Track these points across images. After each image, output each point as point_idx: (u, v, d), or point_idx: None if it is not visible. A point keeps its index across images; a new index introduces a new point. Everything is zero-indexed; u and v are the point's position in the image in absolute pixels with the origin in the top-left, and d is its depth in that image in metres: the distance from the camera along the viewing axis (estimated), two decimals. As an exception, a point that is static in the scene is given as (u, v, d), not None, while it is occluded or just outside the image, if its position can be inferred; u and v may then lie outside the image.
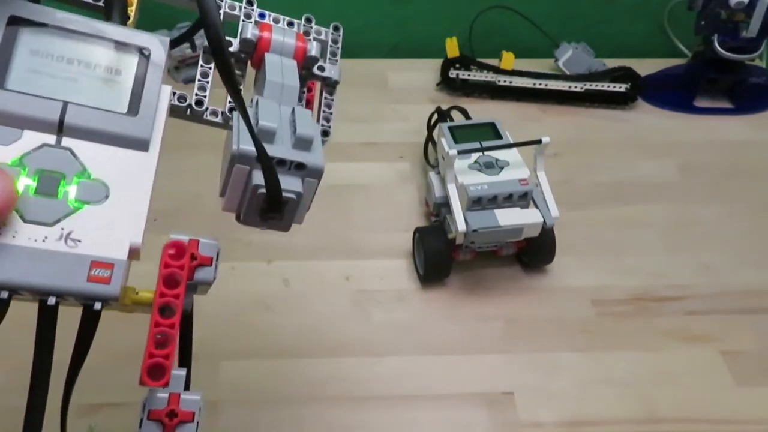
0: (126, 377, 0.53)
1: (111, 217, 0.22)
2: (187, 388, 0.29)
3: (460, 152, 0.57)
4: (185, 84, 0.87)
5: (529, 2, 0.88)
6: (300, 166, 0.26)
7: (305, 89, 0.33)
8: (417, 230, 0.62)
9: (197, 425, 0.27)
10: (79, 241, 0.22)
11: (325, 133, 0.33)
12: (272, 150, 0.25)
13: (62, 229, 0.22)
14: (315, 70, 0.32)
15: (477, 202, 0.56)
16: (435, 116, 0.72)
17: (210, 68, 0.30)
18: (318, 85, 0.34)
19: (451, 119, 0.71)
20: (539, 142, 0.57)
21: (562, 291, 0.62)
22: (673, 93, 0.87)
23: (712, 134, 0.82)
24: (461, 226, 0.55)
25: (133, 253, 0.23)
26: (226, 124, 0.30)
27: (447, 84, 0.86)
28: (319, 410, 0.50)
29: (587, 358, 0.56)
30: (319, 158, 0.26)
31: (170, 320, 0.22)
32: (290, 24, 0.32)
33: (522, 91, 0.85)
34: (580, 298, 0.61)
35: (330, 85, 0.34)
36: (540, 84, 0.85)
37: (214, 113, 0.30)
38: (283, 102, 0.28)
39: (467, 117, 0.71)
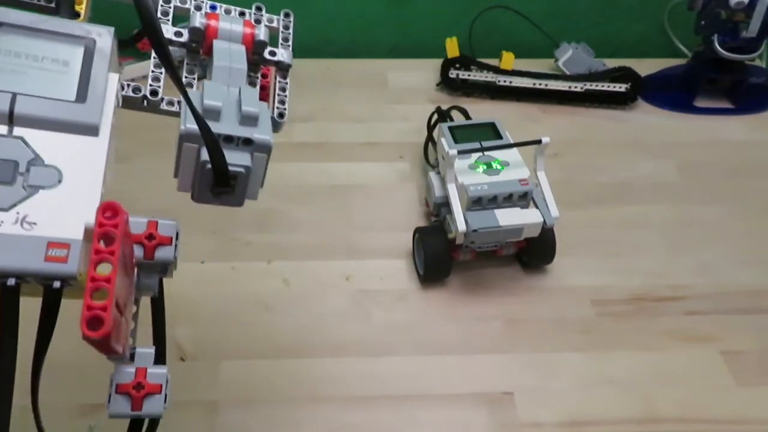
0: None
1: (65, 200, 0.23)
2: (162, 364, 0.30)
3: (460, 152, 0.57)
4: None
5: (529, 2, 0.88)
6: (247, 141, 0.27)
7: (259, 75, 0.33)
8: (417, 230, 0.62)
9: (165, 397, 0.28)
10: (35, 224, 0.22)
11: (281, 115, 0.33)
12: (218, 127, 0.26)
13: (17, 213, 0.22)
14: (266, 55, 0.33)
15: (477, 202, 0.56)
16: (435, 116, 0.72)
17: None
18: (273, 70, 0.34)
19: (451, 119, 0.71)
20: (539, 142, 0.57)
21: (562, 291, 0.62)
22: (673, 93, 0.87)
23: (712, 134, 0.82)
24: (461, 226, 0.55)
25: (89, 234, 0.23)
26: (172, 111, 0.31)
27: (447, 84, 0.86)
28: (319, 410, 0.50)
29: (587, 358, 0.56)
30: (266, 132, 0.27)
31: (106, 276, 0.22)
32: (242, 14, 0.33)
33: (522, 91, 0.85)
34: (580, 298, 0.61)
35: (283, 68, 0.34)
36: (540, 84, 0.85)
37: (170, 103, 0.31)
38: (231, 84, 0.29)
39: (467, 117, 0.71)
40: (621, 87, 0.84)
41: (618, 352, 0.57)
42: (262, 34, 0.32)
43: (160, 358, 0.30)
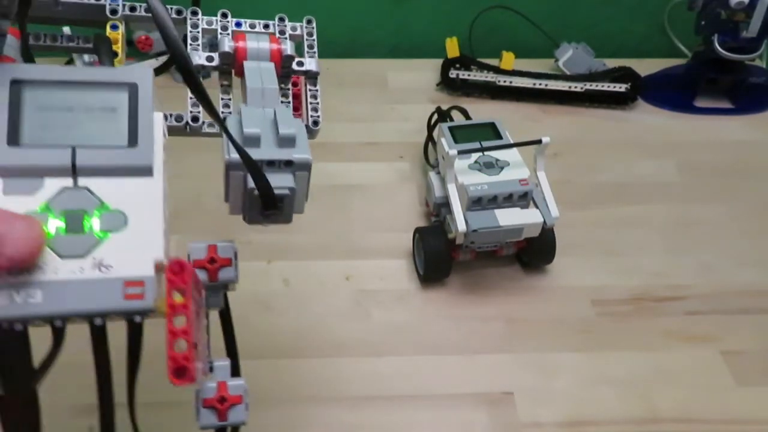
0: (125, 377, 0.53)
1: (133, 240, 0.25)
2: (237, 375, 0.33)
3: (460, 152, 0.57)
4: (178, 82, 0.86)
5: (529, 2, 0.88)
6: (288, 163, 0.28)
7: (290, 86, 0.35)
8: (417, 230, 0.62)
9: (246, 405, 0.31)
10: (111, 266, 0.25)
11: (315, 123, 0.34)
12: (259, 153, 0.28)
13: (94, 258, 0.25)
14: (294, 66, 0.34)
15: (477, 202, 0.56)
16: (435, 116, 0.72)
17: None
18: (302, 78, 0.36)
19: (451, 119, 0.71)
20: (539, 142, 0.57)
21: (562, 291, 0.62)
22: (673, 93, 0.87)
23: (712, 134, 0.82)
24: (461, 226, 0.55)
25: (159, 267, 0.25)
26: (217, 134, 0.32)
27: (447, 84, 0.86)
28: (319, 410, 0.50)
29: (587, 358, 0.56)
30: (305, 152, 0.29)
31: (183, 328, 0.25)
32: (266, 26, 0.35)
33: (522, 91, 0.85)
34: (580, 298, 0.61)
35: (311, 77, 0.35)
36: (540, 84, 0.85)
37: (211, 125, 0.33)
38: (265, 105, 0.30)
39: (467, 117, 0.71)
40: (621, 87, 0.84)
41: (618, 352, 0.57)
42: (288, 48, 0.33)
43: (235, 371, 0.33)
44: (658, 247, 0.67)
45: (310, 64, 0.34)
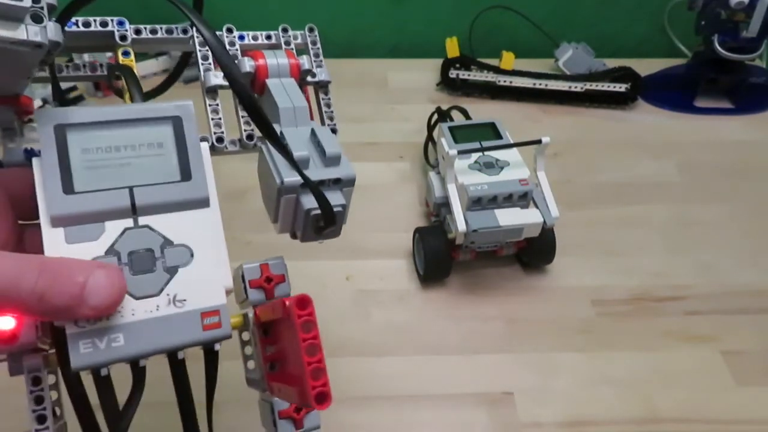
0: (125, 377, 0.53)
1: (202, 271, 0.26)
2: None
3: (460, 152, 0.57)
4: (185, 84, 0.87)
5: (529, 2, 0.88)
6: (337, 181, 0.29)
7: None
8: (417, 230, 0.62)
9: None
10: (185, 300, 0.25)
11: (333, 131, 0.35)
12: (311, 174, 0.28)
13: (168, 294, 0.25)
14: (308, 78, 0.35)
15: (477, 202, 0.56)
16: (435, 116, 0.72)
17: (218, 105, 0.33)
18: (311, 88, 0.36)
19: (451, 119, 0.71)
20: (539, 142, 0.57)
21: (562, 291, 0.62)
22: (673, 93, 0.87)
23: (712, 134, 0.82)
24: (461, 226, 0.55)
25: (228, 293, 0.27)
26: (243, 149, 0.33)
27: (447, 84, 0.86)
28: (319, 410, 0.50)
29: (587, 358, 0.56)
30: (350, 169, 0.29)
31: (317, 357, 0.26)
32: (268, 37, 0.35)
33: (522, 91, 0.85)
34: (580, 298, 0.61)
35: (323, 86, 0.35)
36: (540, 84, 0.85)
37: (233, 143, 0.32)
38: (299, 124, 0.30)
39: (467, 117, 0.71)
40: (621, 87, 0.84)
41: (618, 352, 0.57)
42: (306, 63, 0.33)
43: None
44: (658, 247, 0.67)
45: (321, 74, 0.35)
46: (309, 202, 0.28)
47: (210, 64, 0.33)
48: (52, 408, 0.27)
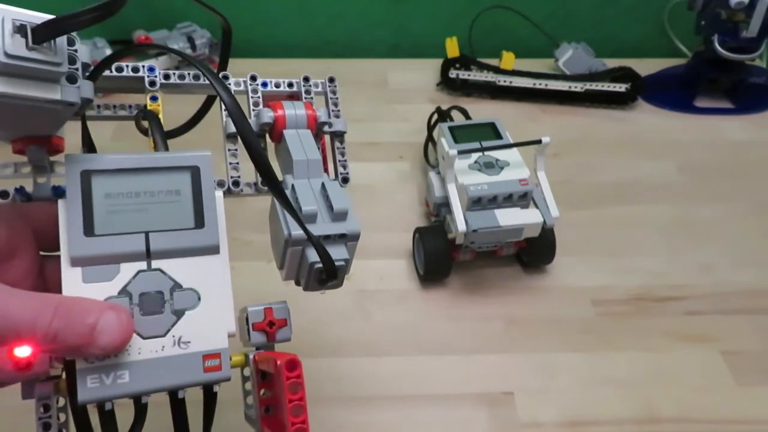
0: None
1: (207, 315, 0.27)
2: None
3: (460, 152, 0.57)
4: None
5: (529, 2, 0.88)
6: (342, 236, 0.30)
7: (320, 146, 0.36)
8: (417, 230, 0.62)
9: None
10: (189, 342, 0.27)
11: (345, 180, 0.36)
12: (317, 229, 0.29)
13: (173, 336, 0.27)
14: (324, 128, 0.36)
15: (477, 202, 0.56)
16: (435, 116, 0.72)
17: (236, 149, 0.34)
18: (328, 137, 0.37)
19: (451, 119, 0.71)
20: (539, 142, 0.57)
21: (562, 291, 0.62)
22: (673, 93, 0.87)
23: (712, 134, 0.82)
24: (461, 226, 0.55)
25: (231, 336, 0.28)
26: (258, 193, 0.34)
27: (447, 84, 0.86)
28: (319, 410, 0.50)
29: (587, 358, 0.56)
30: (356, 224, 0.30)
31: (301, 418, 0.28)
32: (290, 85, 0.36)
33: (522, 91, 0.85)
34: (580, 298, 0.61)
35: (339, 136, 0.37)
36: (540, 84, 0.85)
37: (248, 186, 0.34)
38: (311, 176, 0.31)
39: (467, 117, 0.71)
40: (621, 87, 0.84)
41: (618, 352, 0.57)
42: (323, 115, 0.35)
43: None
44: (658, 247, 0.67)
45: (338, 124, 0.36)
46: (313, 255, 0.29)
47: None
48: (59, 430, 0.28)
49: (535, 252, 0.62)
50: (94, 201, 0.27)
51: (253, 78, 0.35)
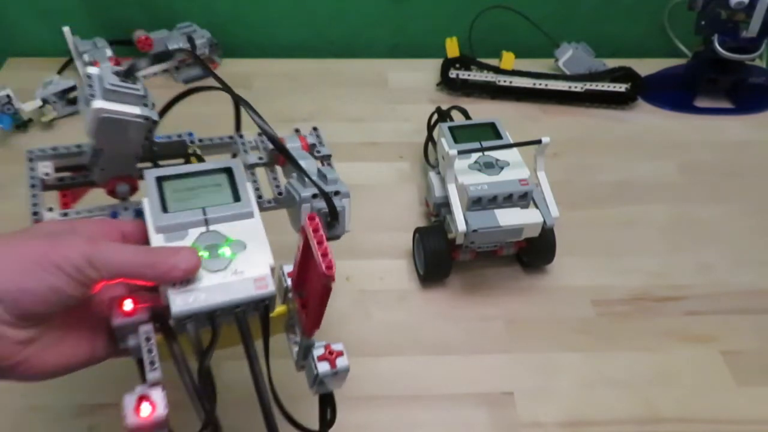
0: (125, 377, 0.53)
1: (252, 255, 0.38)
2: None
3: (460, 152, 0.57)
4: (185, 83, 0.87)
5: (529, 2, 0.88)
6: (337, 193, 0.42)
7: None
8: (417, 230, 0.62)
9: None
10: (243, 272, 0.37)
11: (336, 192, 0.44)
12: (324, 188, 0.42)
13: (231, 269, 0.37)
14: (315, 153, 0.49)
15: (477, 202, 0.56)
16: (435, 116, 0.72)
17: (256, 176, 0.46)
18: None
19: (451, 119, 0.71)
20: (539, 142, 0.57)
21: (562, 291, 0.62)
22: (673, 93, 0.87)
23: (712, 134, 0.82)
24: (461, 226, 0.55)
25: (272, 271, 0.38)
26: (277, 206, 0.45)
27: (447, 84, 0.86)
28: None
29: (587, 358, 0.56)
30: (345, 186, 0.43)
31: (322, 238, 0.35)
32: (296, 130, 0.51)
33: (522, 91, 0.85)
34: (580, 298, 0.61)
35: (326, 157, 0.49)
36: (540, 84, 0.85)
37: (269, 201, 0.45)
38: (309, 166, 0.44)
39: (467, 117, 0.71)
40: (621, 87, 0.84)
41: (618, 352, 0.57)
42: (312, 140, 0.50)
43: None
44: (658, 247, 0.67)
45: (323, 150, 0.49)
46: (320, 204, 0.41)
47: (249, 149, 0.48)
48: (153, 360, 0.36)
49: (535, 252, 0.62)
50: (165, 193, 0.39)
51: (260, 134, 0.48)
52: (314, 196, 0.41)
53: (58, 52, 0.86)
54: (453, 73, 0.85)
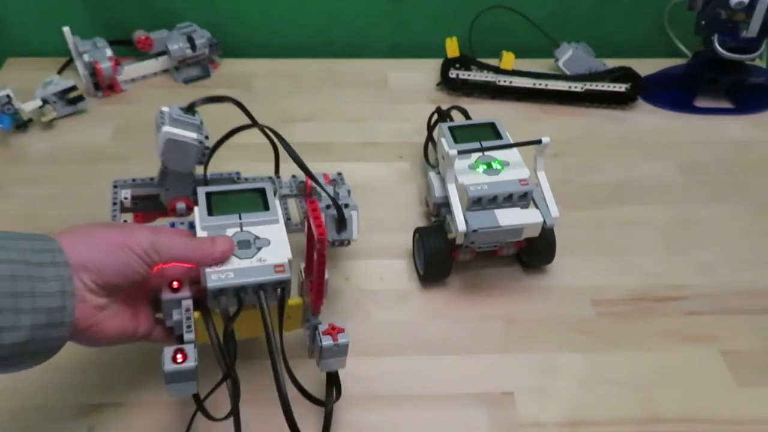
0: (126, 377, 0.53)
1: (275, 249, 0.46)
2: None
3: (460, 152, 0.57)
4: (185, 83, 0.87)
5: (529, 2, 0.88)
6: (346, 206, 0.54)
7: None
8: (417, 230, 0.62)
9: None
10: (266, 260, 0.46)
11: (347, 205, 0.56)
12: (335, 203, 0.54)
13: (257, 258, 0.46)
14: (334, 187, 0.59)
15: (477, 202, 0.56)
16: (435, 116, 0.72)
17: (287, 204, 0.60)
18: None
19: (451, 119, 0.71)
20: (539, 142, 0.57)
21: (562, 291, 0.62)
22: (673, 93, 0.87)
23: (712, 134, 0.82)
24: (461, 226, 0.55)
25: (290, 263, 0.46)
26: (302, 227, 0.57)
27: (447, 84, 0.86)
28: (319, 410, 0.50)
29: (587, 358, 0.56)
30: (354, 202, 0.55)
31: (316, 212, 0.46)
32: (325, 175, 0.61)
33: (522, 91, 0.85)
34: (580, 298, 0.61)
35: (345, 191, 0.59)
36: (540, 84, 0.85)
37: (296, 224, 0.58)
38: (325, 191, 0.55)
39: (467, 117, 0.71)
40: (621, 87, 0.84)
41: (618, 352, 0.57)
42: (332, 176, 0.61)
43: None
44: (658, 247, 0.67)
45: (342, 186, 0.59)
46: (332, 212, 0.54)
47: (282, 184, 0.60)
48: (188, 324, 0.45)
49: (535, 252, 0.62)
50: (211, 203, 0.49)
51: (294, 177, 0.60)
52: (328, 206, 0.53)
53: (58, 52, 0.86)
54: (453, 73, 0.85)
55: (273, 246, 0.47)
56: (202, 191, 0.50)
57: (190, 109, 0.53)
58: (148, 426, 0.50)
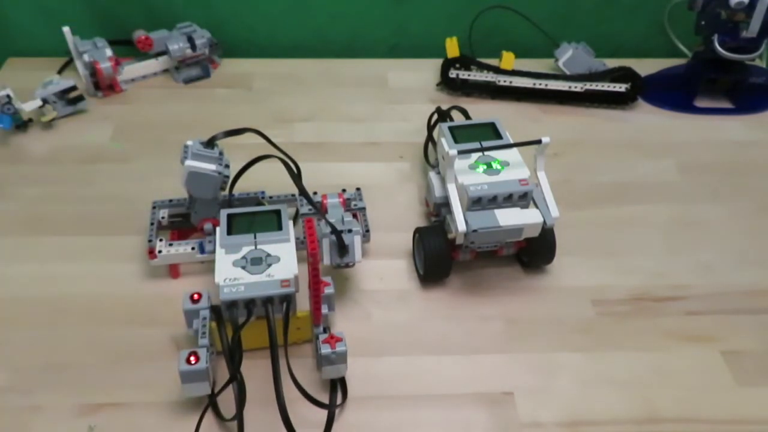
0: (126, 377, 0.53)
1: (283, 266, 0.51)
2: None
3: (460, 152, 0.57)
4: (185, 83, 0.87)
5: (529, 2, 0.88)
6: (350, 230, 0.56)
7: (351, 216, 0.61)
8: (417, 230, 0.62)
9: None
10: (273, 275, 0.50)
11: (368, 230, 0.64)
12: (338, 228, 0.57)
13: (266, 273, 0.50)
14: (352, 206, 0.65)
15: (477, 202, 0.56)
16: (435, 116, 0.72)
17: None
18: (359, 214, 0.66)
19: (451, 119, 0.71)
20: (539, 142, 0.57)
21: (562, 291, 0.62)
22: (673, 93, 0.87)
23: (712, 134, 0.82)
24: (461, 226, 0.55)
25: (296, 280, 0.51)
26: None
27: (447, 84, 0.86)
28: (319, 410, 0.50)
29: (587, 358, 0.56)
30: (359, 227, 0.57)
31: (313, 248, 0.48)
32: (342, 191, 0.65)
33: (522, 91, 0.85)
34: (580, 298, 0.61)
35: (361, 210, 0.65)
36: (540, 84, 0.85)
37: (301, 241, 0.58)
38: (335, 216, 0.59)
39: (467, 117, 0.71)
40: (621, 87, 0.84)
41: (618, 352, 0.57)
42: (349, 196, 0.65)
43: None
44: (658, 247, 0.67)
45: (359, 204, 0.65)
46: (333, 238, 0.56)
47: (303, 203, 0.64)
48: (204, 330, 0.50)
49: (535, 252, 0.62)
50: (232, 224, 0.54)
51: (315, 193, 0.63)
52: (331, 232, 0.56)
53: (58, 52, 0.86)
54: (453, 73, 0.85)
55: (282, 263, 0.51)
56: (224, 213, 0.55)
57: (210, 142, 0.58)
58: (148, 426, 0.50)
